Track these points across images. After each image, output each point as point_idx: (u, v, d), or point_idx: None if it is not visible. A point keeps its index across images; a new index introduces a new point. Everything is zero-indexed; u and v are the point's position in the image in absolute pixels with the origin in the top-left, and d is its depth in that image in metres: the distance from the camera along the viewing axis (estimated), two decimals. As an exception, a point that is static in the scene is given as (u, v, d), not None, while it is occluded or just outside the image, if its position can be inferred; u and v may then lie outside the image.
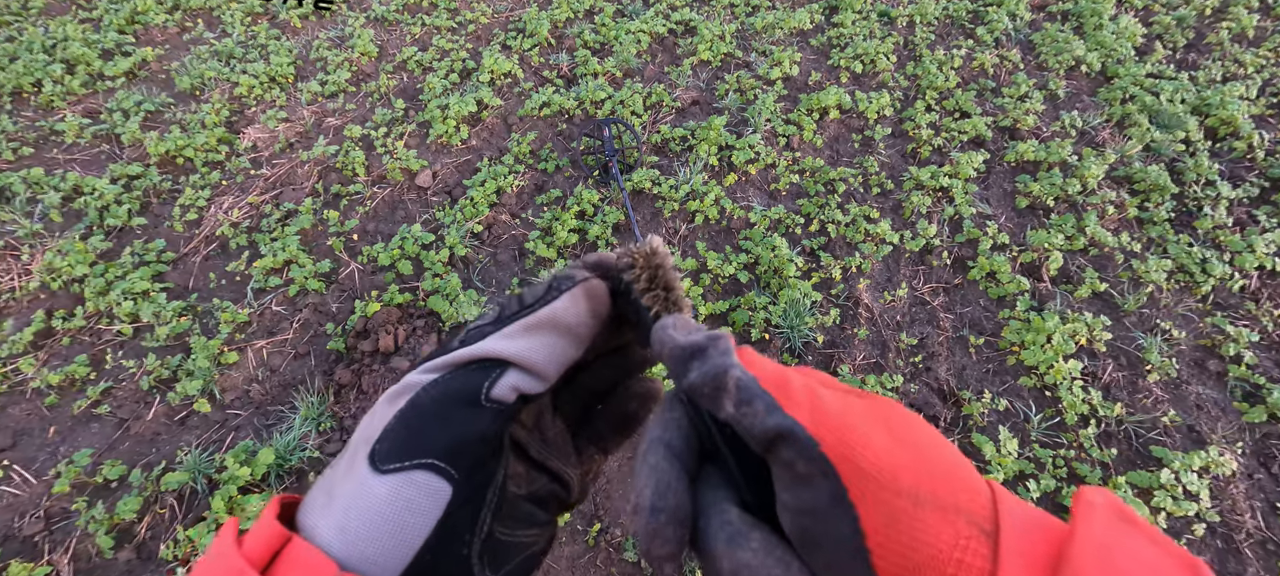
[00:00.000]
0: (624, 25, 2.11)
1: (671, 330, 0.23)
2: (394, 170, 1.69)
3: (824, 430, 0.18)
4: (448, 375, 0.25)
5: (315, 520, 0.22)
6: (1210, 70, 1.96)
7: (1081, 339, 1.36)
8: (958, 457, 0.19)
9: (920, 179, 1.66)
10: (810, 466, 0.18)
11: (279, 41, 2.09)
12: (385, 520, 0.22)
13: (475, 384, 0.24)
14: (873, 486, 0.18)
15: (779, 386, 0.20)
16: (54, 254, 1.47)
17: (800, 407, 0.19)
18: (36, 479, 1.18)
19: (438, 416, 0.24)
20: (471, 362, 0.25)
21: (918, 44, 2.07)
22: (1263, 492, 1.18)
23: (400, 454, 0.23)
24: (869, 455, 0.18)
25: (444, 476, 0.23)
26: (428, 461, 0.23)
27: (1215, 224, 1.57)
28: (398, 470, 0.23)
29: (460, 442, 0.24)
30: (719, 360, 0.21)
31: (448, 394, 0.24)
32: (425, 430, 0.24)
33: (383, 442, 0.23)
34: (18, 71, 1.87)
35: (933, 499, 0.17)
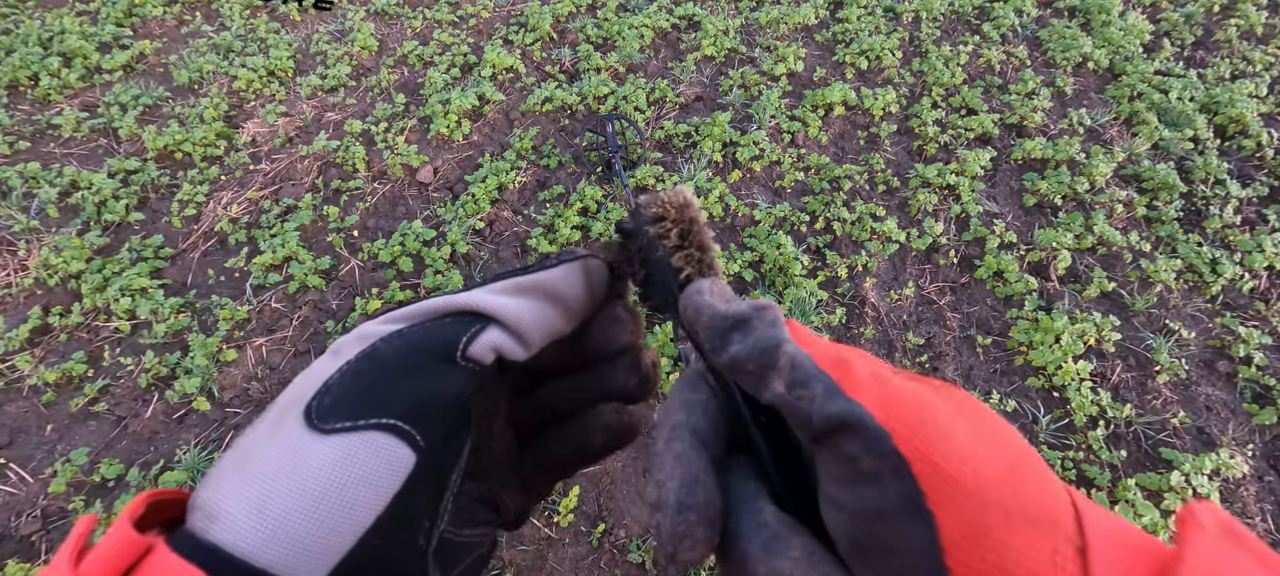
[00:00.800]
0: (627, 20, 2.09)
1: (708, 295, 0.20)
2: (395, 166, 1.68)
3: (896, 420, 0.16)
4: (416, 325, 0.21)
5: (220, 498, 0.17)
6: (1219, 68, 1.94)
7: (1090, 339, 1.34)
8: (1040, 463, 0.16)
9: (926, 176, 1.64)
10: (879, 463, 0.15)
11: (278, 35, 2.07)
12: (326, 492, 0.17)
13: (451, 336, 0.20)
14: (956, 491, 0.15)
15: (838, 366, 0.17)
16: (50, 249, 1.45)
17: (866, 392, 0.16)
18: (33, 477, 1.17)
19: (403, 369, 0.19)
20: (447, 314, 0.21)
21: (923, 40, 2.06)
22: (1273, 495, 1.17)
23: (351, 409, 0.18)
24: (953, 453, 0.15)
25: (407, 441, 0.19)
26: (389, 421, 0.18)
27: (1224, 223, 1.56)
28: (348, 429, 0.18)
29: (430, 403, 0.19)
30: (768, 332, 0.18)
31: (416, 345, 0.20)
32: (386, 384, 0.19)
33: (325, 396, 0.18)
34: (14, 64, 1.85)
35: (1024, 510, 0.15)
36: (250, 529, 0.16)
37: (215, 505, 0.17)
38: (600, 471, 1.18)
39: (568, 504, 1.12)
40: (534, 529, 1.12)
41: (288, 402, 0.19)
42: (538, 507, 1.13)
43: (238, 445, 0.19)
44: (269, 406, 0.20)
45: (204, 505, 0.17)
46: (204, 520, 0.17)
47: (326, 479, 0.17)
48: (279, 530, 0.16)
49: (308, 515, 0.17)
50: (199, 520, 0.17)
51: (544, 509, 1.14)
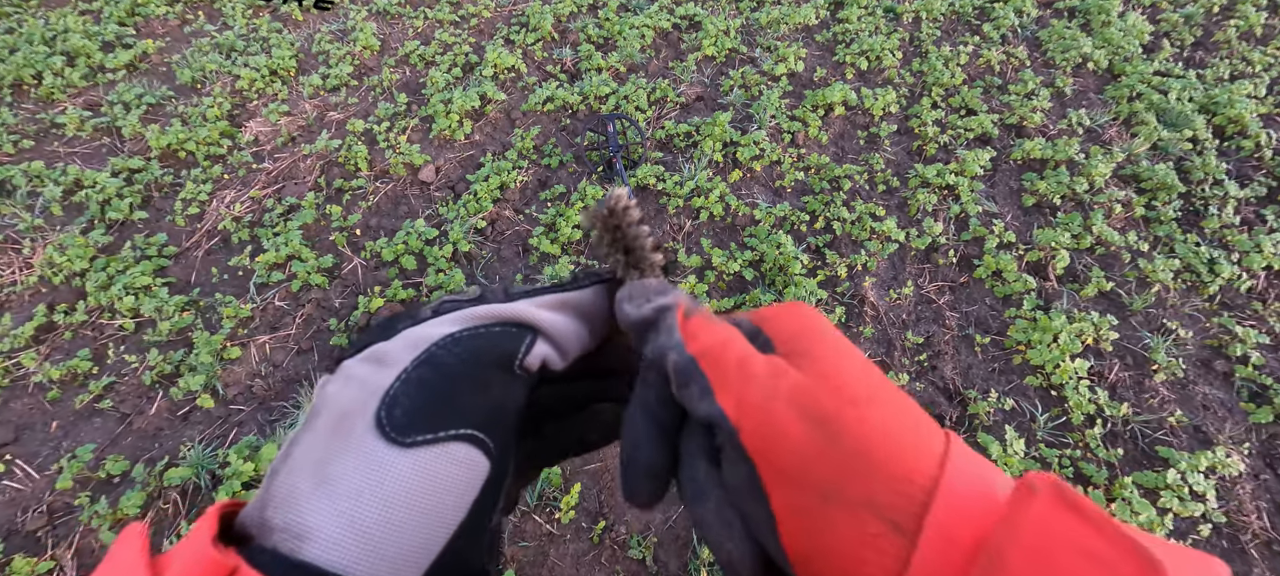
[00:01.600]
0: (628, 20, 2.09)
1: (625, 303, 0.23)
2: (397, 165, 1.68)
3: (746, 417, 0.19)
4: (473, 332, 0.21)
5: (308, 517, 0.17)
6: (1218, 68, 1.95)
7: (1088, 338, 1.35)
8: (893, 440, 0.17)
9: (926, 176, 1.65)
10: (733, 451, 0.19)
11: (281, 34, 2.07)
12: (415, 504, 0.18)
13: (511, 347, 0.22)
14: (783, 477, 0.18)
15: (715, 363, 0.20)
16: (55, 248, 1.46)
17: (729, 390, 0.19)
18: (39, 473, 1.18)
19: (471, 379, 0.20)
20: (501, 323, 0.22)
21: (924, 40, 2.06)
22: (1269, 493, 1.18)
23: (427, 421, 0.19)
24: (783, 449, 0.18)
25: (483, 450, 0.20)
26: (467, 432, 0.19)
27: (1222, 223, 1.56)
28: (428, 442, 0.19)
29: (499, 411, 0.21)
30: (661, 341, 0.21)
31: (480, 354, 0.21)
32: (458, 394, 0.20)
33: (393, 407, 0.19)
34: (18, 63, 1.86)
35: (841, 495, 0.17)
36: (347, 545, 0.17)
37: (302, 525, 0.17)
38: (601, 469, 1.19)
39: (569, 501, 1.13)
40: (535, 525, 1.13)
41: (346, 410, 0.19)
42: (538, 499, 1.14)
43: (299, 458, 0.18)
44: (312, 414, 0.20)
45: (287, 526, 0.17)
46: (291, 540, 0.17)
47: (415, 490, 0.18)
48: (374, 544, 0.17)
49: (401, 527, 0.18)
50: (283, 540, 0.17)
51: (545, 505, 1.14)
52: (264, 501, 0.18)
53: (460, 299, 0.24)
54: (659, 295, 0.23)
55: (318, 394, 0.21)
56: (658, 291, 0.23)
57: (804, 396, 0.18)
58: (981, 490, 0.17)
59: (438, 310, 0.23)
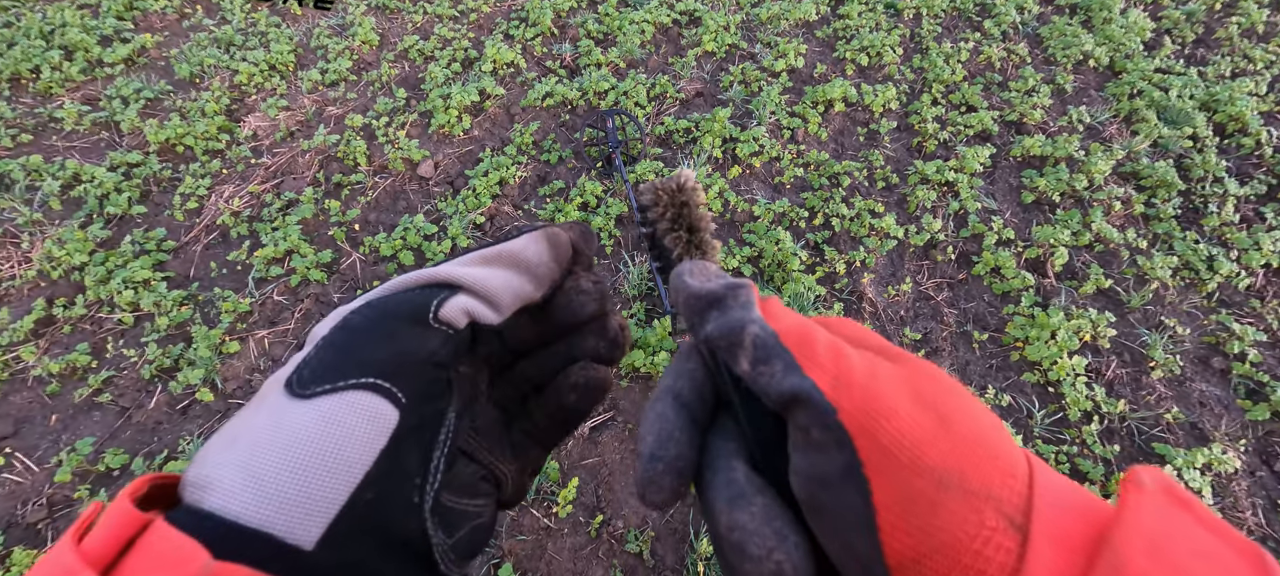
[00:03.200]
0: (628, 15, 2.09)
1: (688, 276, 0.22)
2: (396, 160, 1.68)
3: (845, 395, 0.17)
4: (386, 295, 0.21)
5: (209, 469, 0.17)
6: (1219, 66, 1.94)
7: (1086, 335, 1.35)
8: (997, 433, 0.17)
9: (925, 173, 1.65)
10: (825, 434, 0.17)
11: (279, 29, 2.07)
12: (312, 451, 0.18)
13: (421, 301, 0.21)
14: (892, 462, 0.16)
15: (801, 343, 0.19)
16: (53, 242, 1.46)
17: (823, 369, 0.18)
18: (39, 466, 1.18)
19: (376, 333, 0.20)
20: (416, 286, 0.22)
21: (924, 37, 2.06)
22: (1264, 490, 1.18)
23: (330, 375, 0.19)
24: (892, 427, 0.16)
25: (388, 398, 0.19)
26: (367, 380, 0.19)
27: (1222, 221, 1.56)
28: (328, 391, 0.18)
29: (405, 359, 0.20)
30: (738, 314, 0.20)
31: (387, 311, 0.21)
32: (361, 347, 0.20)
33: (304, 369, 0.19)
34: (15, 57, 1.86)
35: (960, 482, 0.16)
36: (243, 493, 0.17)
37: (205, 477, 0.17)
38: (599, 463, 1.20)
39: (566, 495, 1.13)
40: (533, 519, 1.13)
41: (270, 384, 0.20)
42: (536, 493, 1.14)
43: (224, 426, 0.19)
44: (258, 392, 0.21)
45: (195, 480, 0.18)
46: (197, 492, 0.17)
47: (311, 437, 0.18)
48: (271, 491, 0.17)
49: (296, 473, 0.17)
50: (192, 493, 0.17)
51: (543, 499, 1.15)
52: (192, 464, 0.19)
53: None
54: (722, 276, 0.22)
55: None
56: (719, 274, 0.22)
57: (906, 379, 0.18)
58: (1071, 487, 0.16)
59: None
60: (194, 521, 0.17)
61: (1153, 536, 0.14)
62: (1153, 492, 0.15)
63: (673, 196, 0.24)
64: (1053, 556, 0.15)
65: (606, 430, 1.23)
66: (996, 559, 0.15)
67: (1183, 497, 0.16)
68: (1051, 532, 0.15)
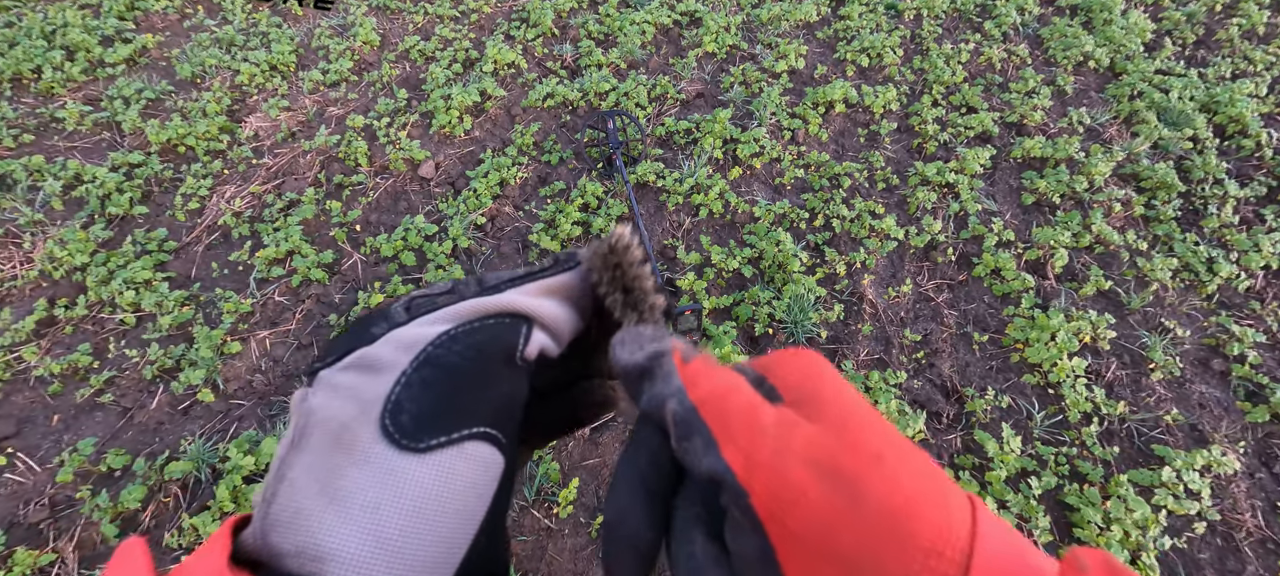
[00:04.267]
0: (629, 16, 2.09)
1: (619, 348, 0.21)
2: (397, 160, 1.68)
3: (756, 477, 0.16)
4: (469, 327, 0.21)
5: (326, 539, 0.16)
6: (1219, 67, 1.95)
7: (1085, 337, 1.35)
8: (921, 502, 0.16)
9: (926, 174, 1.65)
10: (742, 517, 0.17)
11: (280, 29, 2.07)
12: (438, 510, 0.17)
13: (510, 340, 0.21)
14: (803, 548, 0.16)
15: (719, 415, 0.18)
16: (55, 242, 1.46)
17: (737, 446, 0.17)
18: (41, 467, 1.18)
19: (476, 376, 0.20)
20: (494, 315, 0.21)
21: (925, 38, 2.06)
22: (1264, 492, 1.18)
23: (439, 423, 0.18)
24: (799, 514, 0.16)
25: (497, 446, 0.20)
26: (479, 430, 0.19)
27: (1222, 222, 1.56)
28: (443, 444, 0.18)
29: (508, 405, 0.20)
30: (659, 388, 0.20)
31: (482, 349, 0.20)
32: (464, 392, 0.19)
33: (401, 414, 0.18)
34: (17, 57, 1.86)
35: (874, 566, 0.15)
36: (372, 562, 0.16)
37: (319, 547, 0.16)
38: (599, 463, 1.20)
39: (567, 495, 1.13)
40: (534, 520, 1.13)
41: (343, 422, 0.18)
42: (537, 494, 1.15)
43: (300, 478, 0.18)
44: (304, 431, 0.19)
45: (303, 549, 0.16)
46: (309, 564, 0.16)
47: (435, 496, 0.18)
48: (400, 556, 0.17)
49: (425, 535, 0.17)
50: (299, 564, 0.16)
51: (543, 500, 1.15)
52: (265, 527, 0.17)
53: (432, 294, 0.23)
54: (653, 341, 0.21)
55: (298, 408, 0.20)
56: (653, 338, 0.21)
57: (820, 451, 0.16)
58: (1016, 565, 0.15)
59: (410, 308, 0.22)
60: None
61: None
62: (1093, 573, 0.15)
63: (605, 259, 0.24)
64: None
65: (607, 431, 1.24)
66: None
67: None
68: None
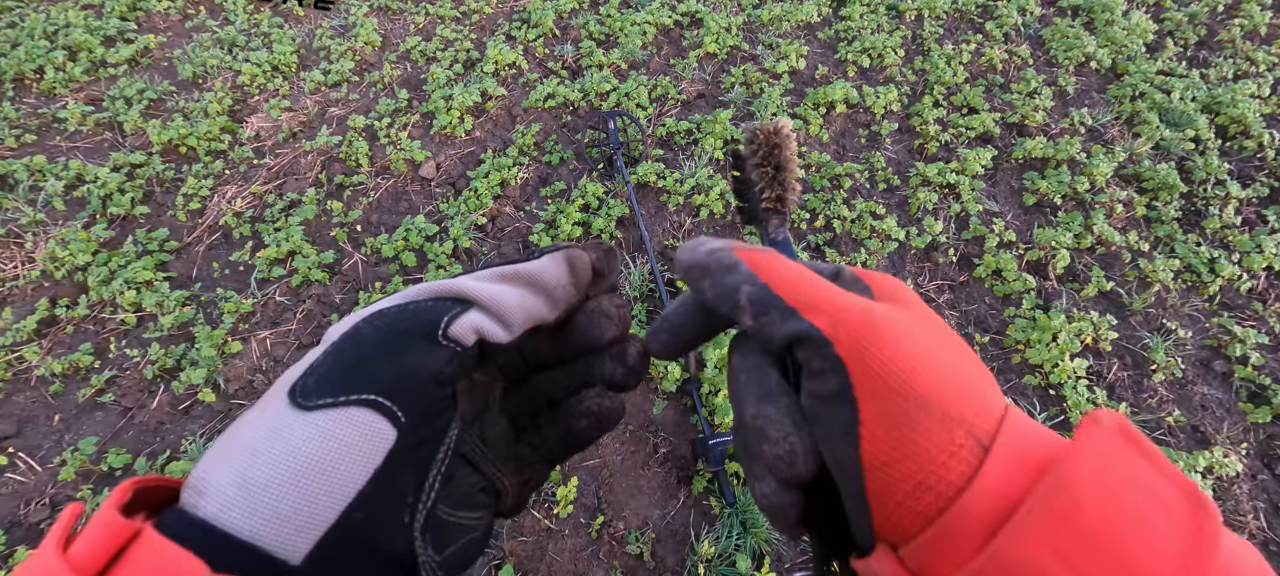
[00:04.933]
0: (629, 16, 2.09)
1: (681, 253, 0.24)
2: (397, 161, 1.69)
3: (841, 330, 0.19)
4: (399, 305, 0.21)
5: (206, 473, 0.17)
6: (1222, 68, 1.94)
7: (1087, 338, 1.35)
8: (982, 378, 0.19)
9: (927, 175, 1.65)
10: (823, 363, 0.19)
11: (282, 30, 2.07)
12: (307, 465, 0.17)
13: (432, 316, 0.21)
14: (880, 384, 0.18)
15: (793, 290, 0.21)
16: (57, 242, 1.46)
17: (819, 310, 0.20)
18: (41, 466, 1.19)
19: (382, 346, 0.20)
20: (430, 298, 0.22)
21: (926, 38, 2.06)
22: (1266, 493, 1.18)
23: (333, 387, 0.19)
24: (882, 355, 0.18)
25: (387, 416, 0.19)
26: (368, 397, 0.19)
27: (1224, 223, 1.56)
28: (327, 405, 0.18)
29: (409, 378, 0.20)
30: (729, 279, 0.22)
31: (396, 324, 0.21)
32: (365, 361, 0.20)
33: (308, 377, 0.19)
34: (19, 58, 1.86)
35: (939, 406, 0.18)
36: (235, 502, 0.17)
37: (202, 481, 0.17)
38: (599, 464, 1.20)
39: (567, 495, 1.13)
40: (534, 520, 1.13)
41: (277, 387, 0.20)
42: (537, 497, 1.15)
43: (229, 428, 0.19)
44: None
45: (193, 482, 0.18)
46: (193, 496, 0.17)
47: (307, 452, 0.18)
48: (261, 503, 0.17)
49: (289, 487, 0.17)
50: (189, 496, 0.17)
51: (543, 501, 1.15)
52: (198, 464, 0.19)
53: None
54: (709, 242, 0.23)
55: None
56: (708, 239, 0.24)
57: (901, 319, 0.20)
58: (1040, 428, 0.19)
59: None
60: (185, 527, 0.17)
61: (1099, 463, 0.16)
62: (1108, 429, 0.17)
63: (768, 137, 0.28)
64: (1006, 470, 0.17)
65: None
66: (958, 468, 0.17)
67: (1136, 438, 0.17)
68: (1010, 452, 0.17)
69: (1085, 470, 0.16)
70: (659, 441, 1.22)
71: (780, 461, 0.20)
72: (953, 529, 0.16)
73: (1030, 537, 0.15)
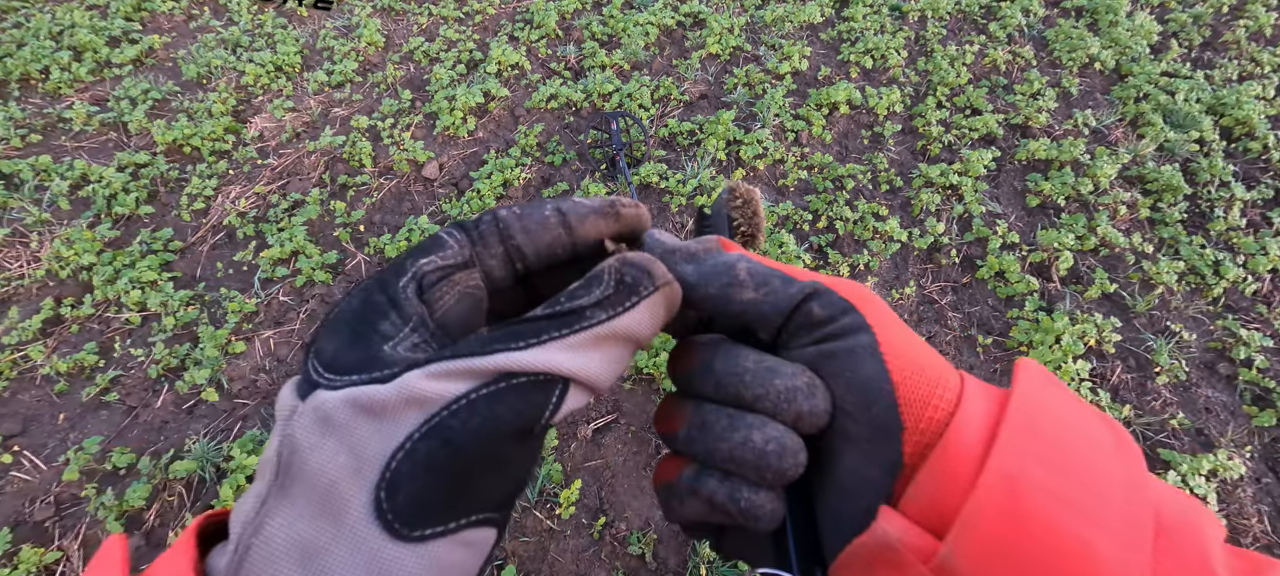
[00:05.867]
0: (632, 17, 2.09)
1: (660, 235, 0.24)
2: (400, 161, 1.69)
3: (840, 287, 0.22)
4: (492, 394, 0.18)
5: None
6: (1226, 69, 1.93)
7: (1090, 340, 1.35)
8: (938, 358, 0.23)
9: (930, 176, 1.64)
10: (834, 310, 0.21)
11: (285, 31, 2.08)
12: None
13: (535, 411, 0.18)
14: (888, 320, 0.21)
15: (784, 268, 0.23)
16: (62, 242, 1.47)
17: (814, 280, 0.22)
18: (46, 465, 1.19)
19: (487, 459, 0.18)
20: (520, 375, 0.18)
21: (929, 39, 2.05)
22: (1270, 497, 1.17)
23: (438, 513, 0.17)
24: (879, 305, 0.22)
25: (496, 527, 0.19)
26: (480, 518, 0.18)
27: (1228, 225, 1.55)
28: (438, 535, 0.17)
29: (516, 490, 0.20)
30: (723, 258, 0.23)
31: (499, 425, 0.18)
32: (469, 478, 0.18)
33: (398, 493, 0.16)
34: (25, 58, 1.87)
35: (927, 355, 0.21)
36: None
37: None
38: (602, 465, 1.20)
39: (569, 496, 1.13)
40: (536, 521, 1.13)
41: (333, 481, 0.16)
42: (539, 495, 1.15)
43: (278, 537, 0.16)
44: (291, 474, 0.17)
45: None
46: None
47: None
48: None
49: None
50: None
51: (546, 501, 1.15)
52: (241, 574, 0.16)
53: (446, 265, 0.20)
54: (692, 241, 0.25)
55: (283, 423, 0.18)
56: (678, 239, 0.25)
57: (881, 304, 0.23)
58: (992, 392, 0.22)
59: (422, 288, 0.20)
60: None
61: (1040, 394, 0.20)
62: (1036, 371, 0.21)
63: (748, 200, 0.30)
64: (980, 402, 0.20)
65: (609, 432, 1.24)
66: (947, 395, 0.20)
67: (1056, 381, 0.22)
68: (977, 388, 0.21)
69: (1033, 398, 0.20)
70: (661, 442, 1.22)
71: (799, 392, 0.20)
72: (954, 446, 0.18)
73: (1017, 450, 0.18)
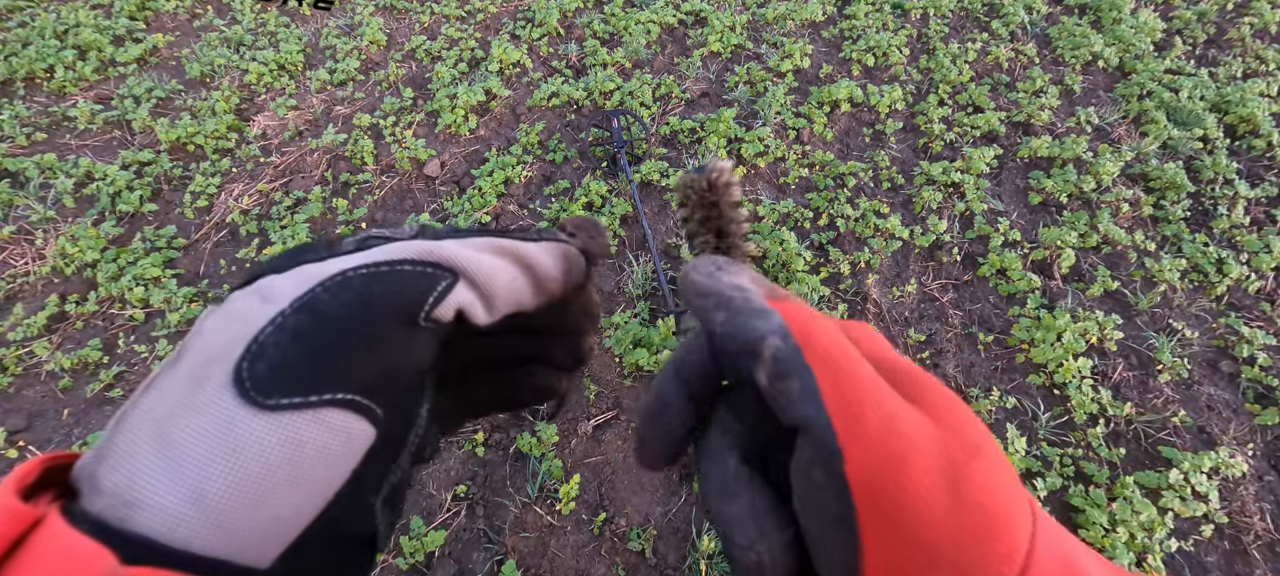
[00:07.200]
0: (634, 15, 2.09)
1: (693, 273, 0.21)
2: (402, 159, 1.69)
3: (856, 444, 0.16)
4: (372, 271, 0.17)
5: (141, 484, 0.14)
6: (1231, 66, 1.92)
7: (1092, 337, 1.34)
8: (1009, 504, 0.16)
9: (931, 174, 1.64)
10: (827, 478, 0.16)
11: (288, 29, 2.09)
12: (278, 477, 0.15)
13: (417, 294, 0.18)
14: (890, 530, 0.15)
15: (829, 368, 0.17)
16: (67, 239, 1.48)
17: (845, 404, 0.16)
18: (51, 460, 1.20)
19: (356, 333, 0.17)
20: (407, 262, 0.18)
21: (931, 37, 2.05)
22: (1272, 494, 1.17)
23: (297, 382, 0.16)
24: (898, 496, 0.15)
25: (367, 416, 0.17)
26: (346, 397, 0.16)
27: (1232, 223, 1.55)
28: (296, 406, 0.16)
29: (392, 375, 0.17)
30: (757, 323, 0.18)
31: (374, 300, 0.17)
32: (337, 352, 0.16)
33: (258, 359, 0.16)
34: (30, 57, 1.88)
35: (953, 563, 0.15)
36: (188, 518, 0.14)
37: (134, 492, 0.14)
38: (602, 460, 1.20)
39: (569, 492, 1.14)
40: (536, 516, 1.14)
41: (207, 357, 0.16)
42: (539, 491, 1.15)
43: (146, 409, 0.16)
44: (179, 351, 0.17)
45: (118, 490, 0.15)
46: (120, 507, 0.14)
47: (275, 462, 0.15)
48: (224, 519, 0.15)
49: (256, 502, 0.15)
50: (111, 506, 0.15)
51: (546, 497, 1.16)
52: (101, 453, 0.15)
53: (393, 234, 0.20)
54: (732, 270, 0.21)
55: (196, 326, 0.17)
56: (730, 266, 0.21)
57: (927, 434, 0.16)
58: (1067, 568, 0.16)
59: (362, 244, 0.20)
60: (110, 541, 0.14)
61: None
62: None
63: (703, 194, 0.23)
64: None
65: (610, 428, 1.24)
66: None
67: None
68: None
69: None
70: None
71: (751, 569, 0.18)
72: None
73: None
